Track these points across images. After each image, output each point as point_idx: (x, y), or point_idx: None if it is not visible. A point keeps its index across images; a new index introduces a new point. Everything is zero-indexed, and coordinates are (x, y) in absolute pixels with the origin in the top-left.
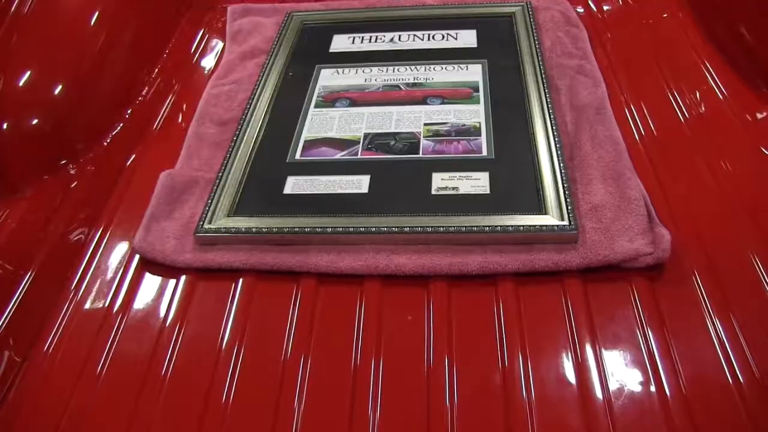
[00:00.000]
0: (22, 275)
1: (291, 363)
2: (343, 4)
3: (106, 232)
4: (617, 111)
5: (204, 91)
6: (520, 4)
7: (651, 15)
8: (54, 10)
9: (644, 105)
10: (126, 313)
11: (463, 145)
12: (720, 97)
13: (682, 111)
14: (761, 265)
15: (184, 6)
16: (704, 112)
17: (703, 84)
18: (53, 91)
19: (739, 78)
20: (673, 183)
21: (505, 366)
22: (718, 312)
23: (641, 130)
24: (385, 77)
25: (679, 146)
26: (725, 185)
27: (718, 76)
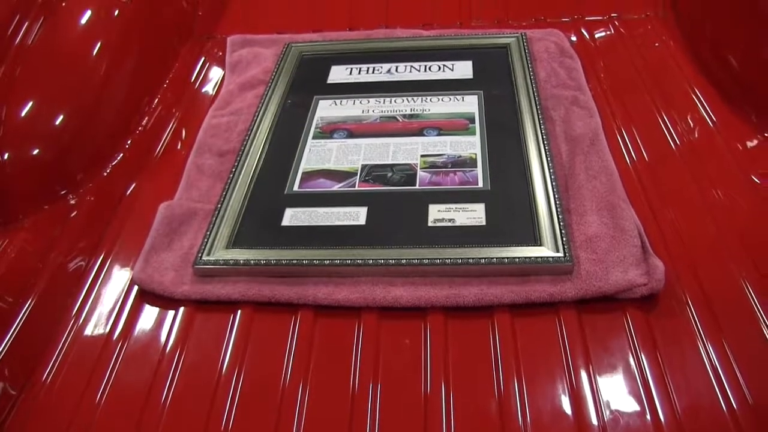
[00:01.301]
0: (21, 305)
1: (289, 393)
2: (341, 35)
3: (106, 262)
4: (611, 139)
5: (203, 121)
6: (515, 35)
7: (642, 43)
8: (57, 41)
9: (637, 133)
10: (125, 343)
11: (459, 176)
12: (711, 126)
13: (674, 139)
14: (753, 294)
15: (184, 35)
16: (695, 140)
17: (693, 112)
18: (54, 122)
19: (729, 106)
20: (666, 211)
21: (501, 395)
22: (712, 341)
23: (634, 158)
24: (383, 108)
25: (672, 174)
26: (717, 213)
27: (708, 104)
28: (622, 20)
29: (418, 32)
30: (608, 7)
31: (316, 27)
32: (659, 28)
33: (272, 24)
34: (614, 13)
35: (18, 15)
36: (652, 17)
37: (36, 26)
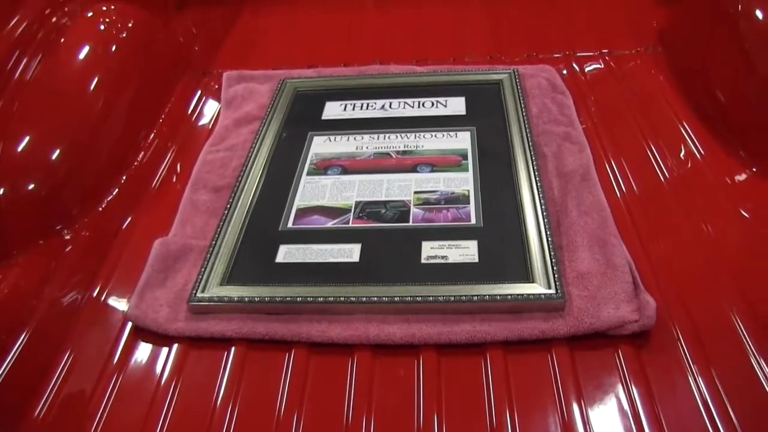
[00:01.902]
0: (14, 340)
1: (283, 430)
2: (336, 71)
3: (100, 298)
4: (601, 173)
5: (199, 156)
6: (508, 71)
7: (632, 77)
8: (55, 76)
9: (627, 166)
10: (118, 379)
11: (452, 213)
12: (700, 160)
13: (663, 172)
14: (742, 326)
15: (181, 70)
16: (684, 174)
17: (683, 146)
18: (51, 157)
19: (718, 141)
20: (656, 245)
21: (495, 431)
22: (703, 374)
23: (624, 192)
24: (376, 145)
25: (662, 207)
26: (707, 247)
27: (697, 138)
28: (612, 56)
29: (412, 68)
30: (599, 43)
31: (311, 63)
32: (649, 63)
33: (268, 59)
34: (605, 49)
35: (17, 51)
36: (642, 53)
37: (35, 62)
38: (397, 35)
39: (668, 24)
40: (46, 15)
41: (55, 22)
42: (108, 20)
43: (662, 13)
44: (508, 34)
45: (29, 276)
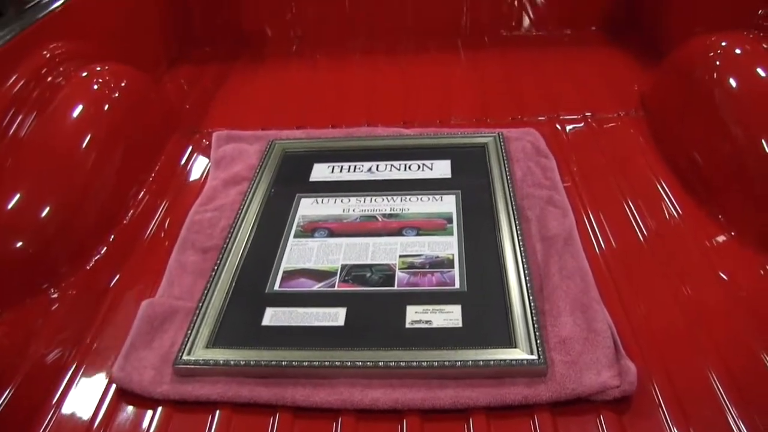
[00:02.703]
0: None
1: None
2: (324, 133)
3: (85, 357)
4: (583, 235)
5: (188, 216)
6: (493, 134)
7: (614, 140)
8: (48, 134)
9: (608, 227)
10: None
11: (436, 277)
12: (679, 221)
13: (644, 235)
14: (722, 391)
15: (171, 128)
16: (664, 236)
17: (663, 208)
18: (40, 214)
19: (697, 203)
20: (637, 307)
21: None
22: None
23: (605, 252)
24: (363, 207)
25: (642, 269)
26: (686, 310)
27: (676, 200)
28: (595, 119)
29: (399, 131)
30: (583, 107)
31: (300, 123)
32: (631, 126)
33: (257, 118)
34: (588, 112)
35: (13, 108)
36: (623, 116)
37: (29, 119)
38: (385, 96)
39: (649, 88)
40: (43, 74)
41: (50, 81)
42: (101, 80)
43: (643, 77)
44: (494, 96)
45: (14, 334)
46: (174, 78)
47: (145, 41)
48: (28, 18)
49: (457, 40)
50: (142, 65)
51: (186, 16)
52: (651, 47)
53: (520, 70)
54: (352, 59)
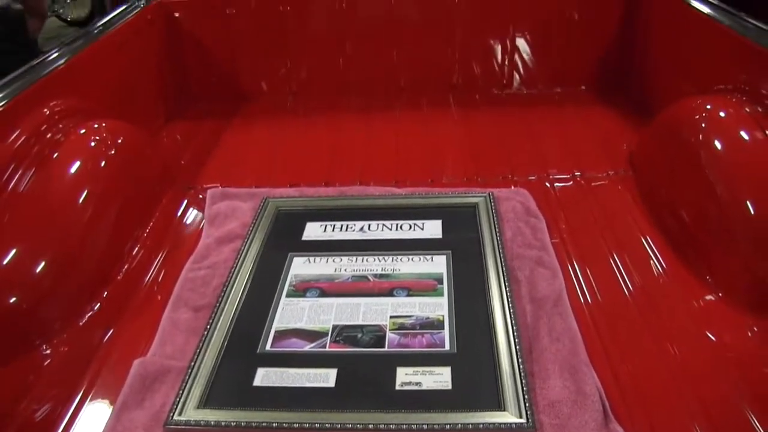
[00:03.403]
0: None
1: None
2: (317, 191)
3: (77, 415)
4: (572, 295)
5: (181, 273)
6: (483, 194)
7: (602, 197)
8: (47, 189)
9: (596, 285)
10: None
11: (427, 338)
12: (666, 280)
13: (631, 292)
14: None
15: (166, 185)
16: (652, 294)
17: (649, 266)
18: (35, 270)
19: (684, 262)
20: (625, 367)
21: None
22: None
23: (593, 311)
24: (355, 267)
25: (630, 328)
26: (674, 370)
27: (663, 258)
28: (584, 177)
29: (391, 190)
30: (572, 166)
31: (293, 180)
32: (619, 185)
33: (252, 175)
34: (578, 172)
35: (13, 164)
36: (613, 176)
37: (28, 175)
38: (378, 154)
39: (637, 148)
40: (42, 131)
41: (50, 137)
42: (99, 137)
43: (632, 136)
44: (485, 155)
45: (4, 390)
46: (171, 133)
47: (143, 97)
48: (31, 77)
49: (449, 96)
50: (140, 121)
51: (183, 74)
52: (639, 106)
53: (511, 129)
54: (346, 116)
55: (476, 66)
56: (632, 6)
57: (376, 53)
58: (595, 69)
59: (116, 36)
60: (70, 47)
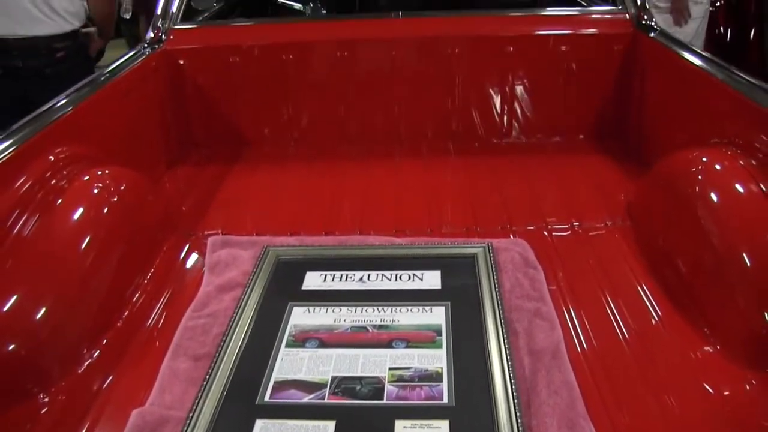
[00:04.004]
0: None
1: None
2: (317, 240)
3: None
4: (570, 346)
5: (181, 321)
6: (482, 245)
7: (598, 245)
8: (50, 235)
9: (592, 334)
10: None
11: (425, 391)
12: (663, 331)
13: (629, 342)
14: None
15: (167, 231)
16: (649, 345)
17: (647, 316)
18: (35, 317)
19: (680, 312)
20: (623, 419)
21: None
22: None
23: (590, 361)
24: (354, 318)
25: (628, 379)
26: (672, 423)
27: (660, 308)
28: (582, 227)
29: (391, 239)
30: (571, 216)
31: (293, 229)
32: (617, 235)
33: (252, 223)
34: (576, 222)
35: (18, 209)
36: (610, 226)
37: (32, 221)
38: (377, 204)
39: (634, 198)
40: (47, 177)
41: (54, 184)
42: (101, 184)
43: (629, 186)
44: (484, 205)
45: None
46: (173, 178)
47: (147, 143)
48: (38, 123)
49: (449, 144)
50: (143, 166)
51: (186, 119)
52: (637, 155)
53: (510, 178)
54: (346, 163)
55: (476, 115)
56: (629, 57)
57: (377, 101)
58: (592, 118)
59: (122, 83)
60: (78, 94)
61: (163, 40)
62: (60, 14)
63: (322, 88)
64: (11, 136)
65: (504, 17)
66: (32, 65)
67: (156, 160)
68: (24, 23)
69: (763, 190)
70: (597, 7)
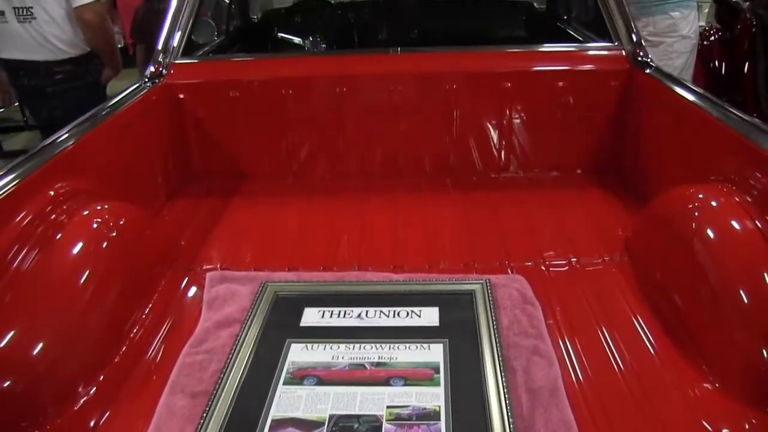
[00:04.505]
0: None
1: None
2: (315, 276)
3: None
4: (567, 382)
5: (179, 357)
6: (480, 281)
7: (595, 280)
8: (49, 269)
9: (589, 369)
10: None
11: (423, 429)
12: (662, 368)
13: (627, 380)
14: None
15: (166, 266)
16: (647, 382)
17: (645, 353)
18: (32, 352)
19: (680, 350)
20: None
21: None
22: None
23: (588, 398)
24: (352, 355)
25: (626, 416)
26: None
27: (659, 346)
28: (580, 263)
29: (389, 276)
30: (568, 251)
31: (292, 264)
32: (614, 269)
33: (251, 258)
34: (574, 258)
35: (18, 244)
36: (608, 261)
37: (32, 256)
38: (375, 239)
39: (632, 234)
40: (47, 212)
41: (54, 218)
42: (101, 219)
43: (627, 221)
44: (482, 241)
45: None
46: (172, 211)
47: (146, 176)
48: (39, 159)
49: (447, 179)
50: (142, 198)
51: (186, 152)
52: (634, 189)
53: (508, 213)
54: (345, 197)
55: (474, 149)
56: (626, 92)
57: (376, 136)
58: (590, 153)
59: (123, 117)
60: (79, 128)
61: (164, 74)
62: (53, 43)
63: (321, 123)
64: (13, 171)
65: (502, 53)
66: (35, 84)
67: (155, 193)
68: (23, 49)
69: (759, 227)
70: (593, 43)
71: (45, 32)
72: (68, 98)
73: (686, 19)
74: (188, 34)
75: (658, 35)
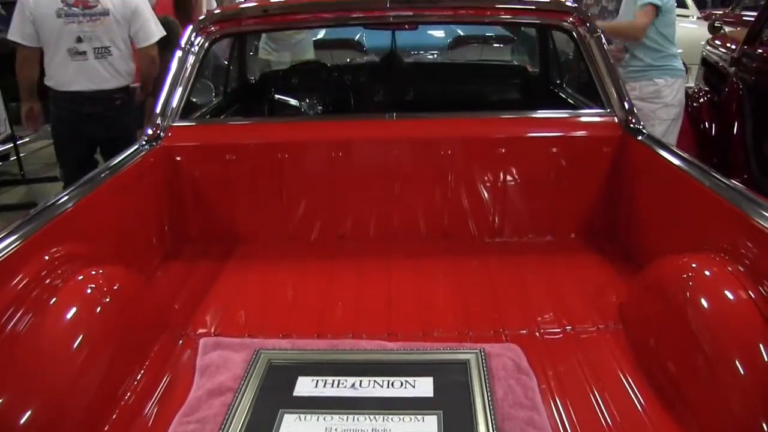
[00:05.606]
0: None
1: None
2: (309, 344)
3: None
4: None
5: (170, 427)
6: (474, 351)
7: (589, 348)
8: (42, 334)
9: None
10: None
11: None
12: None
13: None
14: None
15: (159, 331)
16: None
17: (639, 421)
18: (21, 419)
19: (675, 420)
20: None
21: None
22: None
23: None
24: (345, 427)
25: None
26: None
27: (653, 415)
28: (575, 331)
29: (383, 344)
30: (562, 319)
31: (285, 331)
32: (608, 336)
33: (244, 324)
34: (568, 326)
35: (13, 307)
36: (602, 329)
37: (26, 320)
38: (370, 305)
39: (626, 302)
40: (42, 276)
41: (49, 283)
42: (95, 284)
43: (621, 287)
44: (476, 308)
45: None
46: (167, 273)
47: (142, 238)
48: (35, 224)
49: (441, 244)
50: (137, 260)
51: (181, 215)
52: (628, 254)
53: (502, 279)
54: (339, 262)
55: (468, 214)
56: (618, 158)
57: (370, 200)
58: (584, 218)
59: (120, 180)
60: (79, 190)
61: (162, 137)
62: (121, 74)
63: (316, 187)
64: (11, 235)
65: (496, 119)
66: (97, 111)
67: (150, 255)
68: (95, 81)
69: (752, 297)
70: (586, 110)
71: (116, 65)
72: (121, 119)
73: (671, 87)
74: (187, 97)
75: (643, 100)
